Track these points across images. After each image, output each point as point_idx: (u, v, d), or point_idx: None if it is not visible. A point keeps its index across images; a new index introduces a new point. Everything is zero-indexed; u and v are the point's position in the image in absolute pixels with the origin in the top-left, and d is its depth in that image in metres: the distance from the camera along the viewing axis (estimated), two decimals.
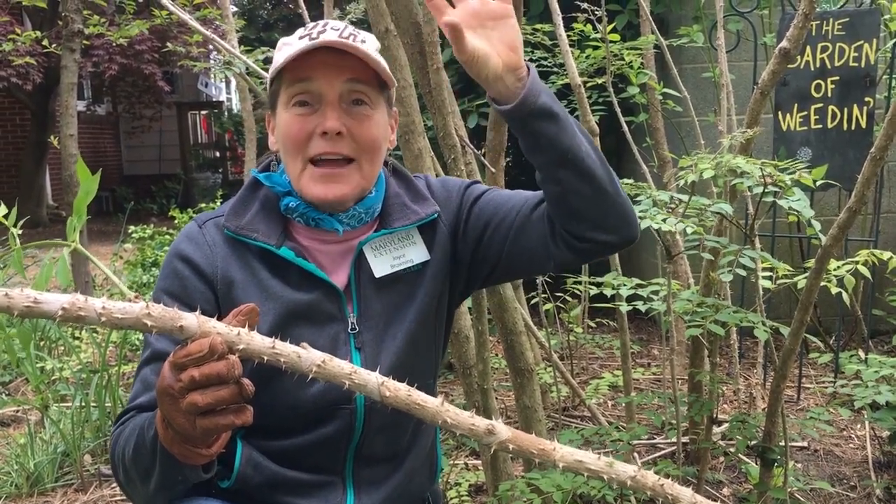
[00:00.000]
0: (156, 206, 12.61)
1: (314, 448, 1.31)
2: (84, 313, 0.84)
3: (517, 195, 1.41)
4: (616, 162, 5.02)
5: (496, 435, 0.95)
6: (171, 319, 0.89)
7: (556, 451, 0.95)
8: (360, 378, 0.93)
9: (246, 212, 1.32)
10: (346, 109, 1.26)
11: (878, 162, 1.75)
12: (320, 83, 1.25)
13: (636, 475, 0.97)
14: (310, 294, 1.30)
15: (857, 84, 3.10)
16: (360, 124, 1.26)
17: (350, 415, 1.31)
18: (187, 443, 1.03)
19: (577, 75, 2.68)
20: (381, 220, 1.37)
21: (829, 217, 1.90)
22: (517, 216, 1.35)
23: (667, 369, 2.18)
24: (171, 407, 0.99)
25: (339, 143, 1.25)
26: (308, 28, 1.28)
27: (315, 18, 3.78)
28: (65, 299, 0.83)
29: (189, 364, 0.93)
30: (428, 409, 0.94)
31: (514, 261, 1.37)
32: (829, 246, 1.85)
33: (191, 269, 1.29)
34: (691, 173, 1.82)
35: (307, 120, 1.26)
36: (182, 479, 1.13)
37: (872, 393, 2.23)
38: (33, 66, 8.81)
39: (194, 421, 0.98)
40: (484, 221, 1.38)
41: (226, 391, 0.96)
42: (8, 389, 3.90)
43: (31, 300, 0.82)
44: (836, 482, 2.74)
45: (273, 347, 0.92)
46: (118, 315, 0.86)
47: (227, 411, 0.98)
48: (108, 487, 2.87)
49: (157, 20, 4.10)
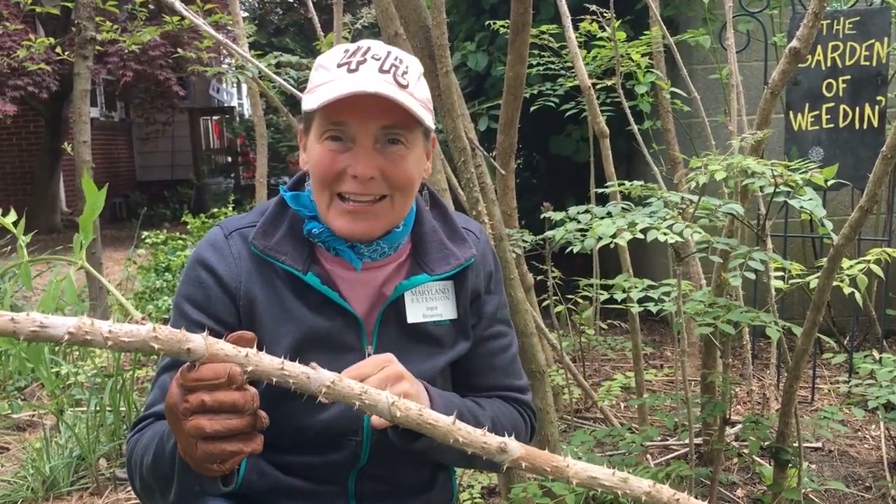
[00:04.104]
0: (169, 211, 12.67)
1: (319, 466, 1.32)
2: (90, 337, 0.84)
3: (492, 375, 1.45)
4: (626, 164, 5.01)
5: (508, 453, 0.94)
6: (178, 342, 0.88)
7: (569, 467, 0.94)
8: (371, 398, 0.93)
9: (275, 232, 1.30)
10: (380, 150, 1.22)
11: (890, 161, 1.75)
12: (355, 127, 1.21)
13: (651, 490, 0.95)
14: (330, 321, 1.29)
15: (868, 83, 3.09)
16: (393, 165, 1.22)
17: (356, 446, 1.31)
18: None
19: (587, 77, 2.68)
20: (415, 257, 1.36)
21: (841, 217, 1.89)
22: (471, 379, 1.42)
23: (679, 371, 2.17)
24: (175, 425, 0.99)
25: (370, 185, 1.22)
26: (348, 54, 1.22)
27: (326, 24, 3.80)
28: (71, 323, 0.83)
29: (199, 388, 0.93)
30: (440, 428, 0.94)
31: None
32: (841, 245, 1.84)
33: (214, 280, 1.27)
34: (702, 175, 1.81)
35: (339, 158, 1.22)
36: (200, 489, 1.12)
37: (887, 393, 2.21)
38: (48, 73, 8.87)
39: (195, 444, 0.97)
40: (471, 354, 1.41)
41: (238, 421, 0.95)
42: (24, 394, 3.93)
43: (36, 324, 0.81)
44: (851, 483, 2.72)
45: (282, 368, 0.91)
46: (125, 338, 0.85)
47: (235, 438, 0.97)
48: (123, 491, 2.88)
49: (167, 26, 4.13)
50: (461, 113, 2.09)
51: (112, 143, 14.05)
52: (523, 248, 2.51)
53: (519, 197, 2.83)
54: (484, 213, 2.05)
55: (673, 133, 3.57)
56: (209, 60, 4.72)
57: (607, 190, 2.46)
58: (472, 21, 5.19)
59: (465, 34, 5.21)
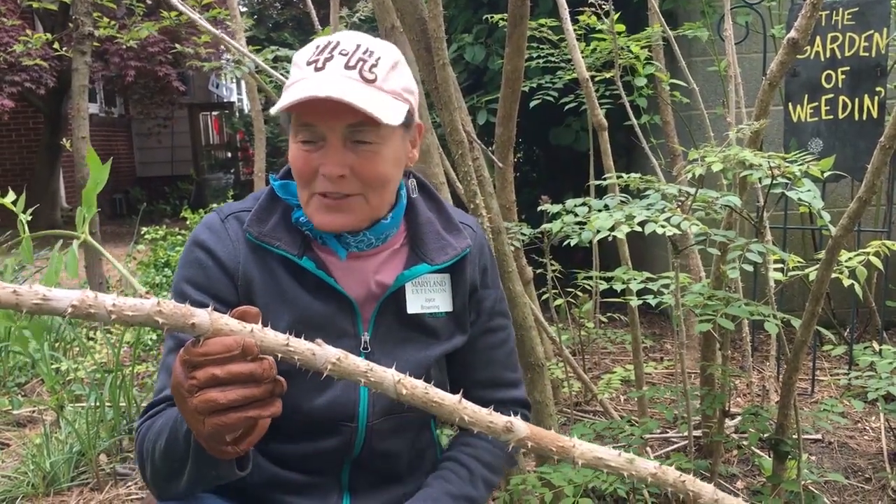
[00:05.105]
0: (169, 207, 12.67)
1: (313, 455, 1.32)
2: (94, 310, 0.82)
3: (490, 369, 1.46)
4: (626, 157, 5.00)
5: (514, 432, 0.94)
6: (182, 316, 0.87)
7: (575, 447, 0.94)
8: (377, 376, 0.92)
9: (269, 219, 1.30)
10: (351, 147, 1.21)
11: (888, 151, 1.74)
12: (322, 128, 1.21)
13: (657, 472, 0.95)
14: (326, 305, 1.29)
15: (867, 74, 3.08)
16: (364, 162, 1.22)
17: (351, 433, 1.31)
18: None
19: (585, 70, 2.68)
20: (413, 247, 1.36)
21: (841, 208, 1.88)
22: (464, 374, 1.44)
23: (679, 363, 2.17)
24: (181, 404, 0.98)
25: (342, 184, 1.22)
26: (318, 50, 1.22)
27: (324, 18, 3.79)
28: (74, 296, 0.81)
29: (207, 363, 0.91)
30: (445, 407, 0.93)
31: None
32: (840, 236, 1.84)
33: (213, 261, 1.28)
34: (699, 166, 1.81)
35: (312, 157, 1.22)
36: (216, 474, 1.11)
37: (886, 384, 2.20)
38: (46, 69, 8.86)
39: (203, 421, 0.95)
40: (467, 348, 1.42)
41: (256, 389, 0.93)
42: (24, 390, 3.93)
43: (39, 297, 0.79)
44: (851, 474, 2.73)
45: (287, 344, 0.90)
46: (129, 312, 0.84)
47: (252, 406, 0.95)
48: (124, 486, 2.89)
49: (165, 21, 4.12)
50: (458, 106, 2.08)
51: (112, 138, 14.04)
52: (522, 241, 2.51)
53: (519, 191, 2.83)
54: (482, 206, 2.04)
55: (672, 125, 3.56)
56: (208, 56, 4.71)
57: (605, 182, 2.46)
58: (469, 14, 5.17)
59: (462, 27, 5.20)
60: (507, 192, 2.51)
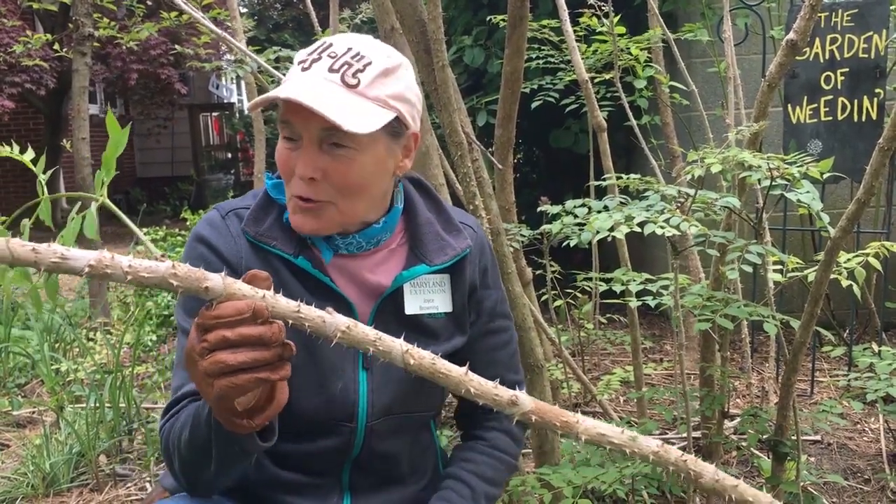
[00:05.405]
0: (169, 207, 12.67)
1: (312, 456, 1.32)
2: (111, 271, 0.83)
3: (491, 370, 1.42)
4: (626, 158, 5.01)
5: (519, 406, 0.94)
6: (196, 280, 0.88)
7: (579, 423, 0.94)
8: (385, 345, 0.93)
9: (265, 218, 1.31)
10: (327, 150, 1.20)
11: (887, 153, 1.74)
12: (298, 127, 1.20)
13: (659, 450, 0.96)
14: (324, 305, 1.29)
15: (867, 75, 3.08)
16: (338, 166, 1.20)
17: (350, 433, 1.31)
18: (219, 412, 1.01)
19: (585, 71, 2.68)
20: (412, 248, 1.35)
21: (841, 210, 1.88)
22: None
23: (678, 364, 2.17)
24: (192, 369, 0.97)
25: (314, 187, 1.20)
26: (311, 50, 1.22)
27: (323, 19, 3.80)
28: (92, 256, 0.82)
29: (219, 326, 0.91)
30: (452, 378, 0.94)
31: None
32: (839, 238, 1.84)
33: (216, 256, 1.28)
34: (698, 168, 1.81)
35: (291, 156, 1.22)
36: (240, 450, 1.10)
37: (886, 386, 2.21)
38: (46, 70, 8.87)
39: (212, 383, 0.94)
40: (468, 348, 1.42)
41: (265, 352, 0.93)
42: (24, 391, 3.94)
43: (58, 256, 0.81)
44: (850, 476, 2.73)
45: (298, 311, 0.91)
46: (144, 273, 0.85)
47: (261, 368, 0.94)
48: (123, 487, 2.89)
49: (165, 22, 4.13)
50: (457, 107, 2.08)
51: None
52: (521, 242, 2.51)
53: (519, 192, 2.83)
54: (481, 207, 2.04)
55: (672, 127, 3.57)
56: (208, 56, 4.72)
57: (605, 183, 2.46)
58: (469, 15, 5.18)
59: (462, 29, 5.21)
60: (507, 193, 2.52)
